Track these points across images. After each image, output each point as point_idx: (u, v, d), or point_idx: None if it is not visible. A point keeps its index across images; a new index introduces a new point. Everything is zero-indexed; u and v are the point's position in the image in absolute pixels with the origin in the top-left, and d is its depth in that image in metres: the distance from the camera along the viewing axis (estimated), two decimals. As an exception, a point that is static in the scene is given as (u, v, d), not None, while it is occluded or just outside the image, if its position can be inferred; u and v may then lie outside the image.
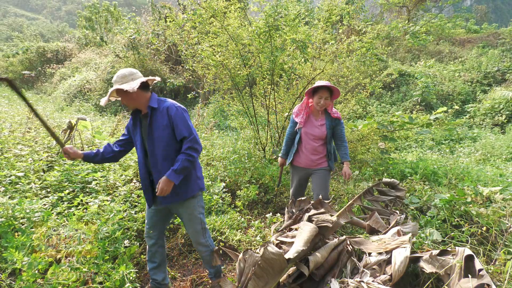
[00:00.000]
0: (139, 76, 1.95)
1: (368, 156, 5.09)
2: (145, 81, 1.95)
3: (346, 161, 2.94)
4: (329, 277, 1.89)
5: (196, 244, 2.20)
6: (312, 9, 17.28)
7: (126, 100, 1.95)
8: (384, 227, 2.53)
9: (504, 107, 9.83)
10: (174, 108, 1.96)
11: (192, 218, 2.13)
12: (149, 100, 1.99)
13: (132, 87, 1.83)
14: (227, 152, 4.69)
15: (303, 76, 4.82)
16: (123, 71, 1.92)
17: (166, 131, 1.96)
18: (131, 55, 11.88)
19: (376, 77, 6.46)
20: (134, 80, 1.91)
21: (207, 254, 2.23)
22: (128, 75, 1.91)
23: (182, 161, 1.92)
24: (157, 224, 2.20)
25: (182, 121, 1.96)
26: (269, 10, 4.22)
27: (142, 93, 1.95)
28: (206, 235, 2.22)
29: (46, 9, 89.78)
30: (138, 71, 1.97)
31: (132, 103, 1.97)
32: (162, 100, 2.01)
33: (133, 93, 1.90)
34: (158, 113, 1.97)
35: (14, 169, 3.02)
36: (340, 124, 2.94)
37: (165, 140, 1.98)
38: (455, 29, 19.36)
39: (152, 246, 2.21)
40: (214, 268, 2.29)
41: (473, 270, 1.63)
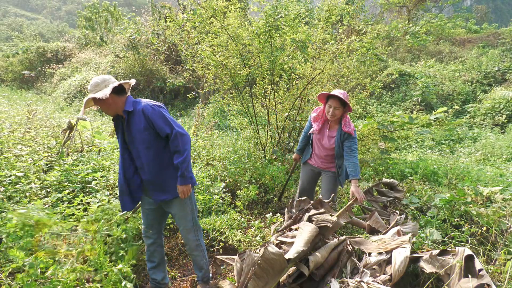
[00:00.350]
0: (112, 82, 1.92)
1: (368, 156, 5.09)
2: (118, 85, 1.92)
3: (353, 179, 2.62)
4: (329, 277, 1.89)
5: (186, 241, 2.20)
6: (312, 9, 17.28)
7: (104, 107, 1.93)
8: (384, 227, 2.53)
9: (504, 107, 9.82)
10: (149, 108, 1.92)
11: (183, 215, 2.13)
12: (125, 104, 1.95)
13: (105, 93, 1.81)
14: (227, 152, 4.69)
15: (303, 76, 4.82)
16: (95, 79, 1.90)
17: (146, 132, 1.94)
18: (131, 55, 11.88)
19: (376, 77, 6.45)
20: (107, 86, 1.88)
21: (196, 254, 2.22)
22: (101, 83, 1.88)
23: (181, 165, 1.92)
24: (153, 223, 2.20)
25: (161, 118, 1.92)
26: (269, 10, 4.22)
27: (117, 98, 1.92)
28: (198, 234, 2.21)
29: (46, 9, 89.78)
30: (111, 76, 1.95)
31: (110, 109, 1.94)
32: (137, 102, 1.98)
33: (108, 99, 1.87)
34: (135, 116, 1.94)
35: (14, 169, 3.02)
36: (351, 138, 2.71)
37: (147, 141, 1.96)
38: (455, 29, 19.36)
39: (150, 246, 2.21)
40: (201, 272, 2.28)
41: (473, 270, 1.63)
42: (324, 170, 2.99)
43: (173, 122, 1.96)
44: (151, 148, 1.97)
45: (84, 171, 3.29)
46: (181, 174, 1.94)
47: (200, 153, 4.73)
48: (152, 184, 2.04)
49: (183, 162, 1.92)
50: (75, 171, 3.25)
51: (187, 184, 1.98)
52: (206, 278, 2.32)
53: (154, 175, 2.02)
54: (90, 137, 4.60)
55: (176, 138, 1.92)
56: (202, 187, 3.55)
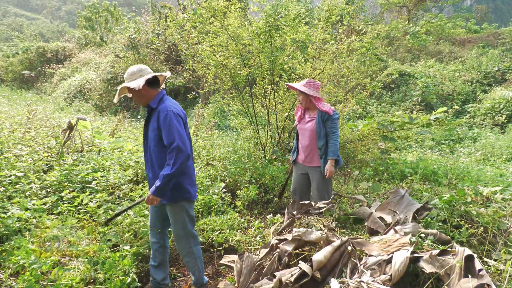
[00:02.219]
0: (147, 73, 1.94)
1: (368, 156, 5.09)
2: (152, 77, 1.93)
3: (330, 158, 2.84)
4: (330, 277, 1.89)
5: (177, 245, 2.21)
6: (312, 9, 17.28)
7: (136, 97, 1.97)
8: (382, 227, 2.53)
9: (504, 107, 9.82)
10: (164, 112, 1.92)
11: (174, 221, 2.13)
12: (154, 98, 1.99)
13: (138, 84, 1.83)
14: (227, 152, 4.69)
15: (303, 76, 4.82)
16: (133, 68, 1.92)
17: (155, 132, 1.96)
18: (131, 55, 11.87)
19: (376, 77, 6.45)
20: (142, 77, 1.91)
21: (188, 260, 2.22)
22: (136, 72, 1.91)
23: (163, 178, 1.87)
24: (155, 222, 2.22)
25: (167, 127, 1.89)
26: (269, 10, 4.22)
27: (149, 90, 1.95)
28: (190, 242, 2.18)
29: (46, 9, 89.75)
30: (148, 67, 1.97)
31: (142, 100, 1.98)
32: (162, 101, 2.00)
33: (140, 90, 1.90)
34: (154, 113, 1.96)
35: (14, 169, 3.02)
36: (331, 118, 2.87)
37: (155, 140, 1.98)
38: (455, 29, 19.35)
39: (153, 244, 2.23)
40: (194, 277, 2.27)
41: (473, 270, 1.63)
42: (310, 168, 3.04)
43: (178, 135, 1.89)
44: (157, 148, 1.99)
45: (84, 171, 3.29)
46: (159, 185, 1.87)
47: (200, 153, 4.73)
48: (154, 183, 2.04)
49: (167, 176, 1.87)
50: (75, 171, 3.25)
51: (157, 197, 1.94)
52: (200, 284, 2.30)
53: (154, 174, 2.04)
54: (90, 137, 4.60)
55: (172, 151, 1.88)
56: (202, 187, 3.55)
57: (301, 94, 2.96)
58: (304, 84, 2.95)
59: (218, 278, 2.61)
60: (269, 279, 1.99)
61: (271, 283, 1.88)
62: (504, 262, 2.02)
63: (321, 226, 2.45)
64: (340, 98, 5.34)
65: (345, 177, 4.49)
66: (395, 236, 2.13)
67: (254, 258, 2.21)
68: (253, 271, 2.12)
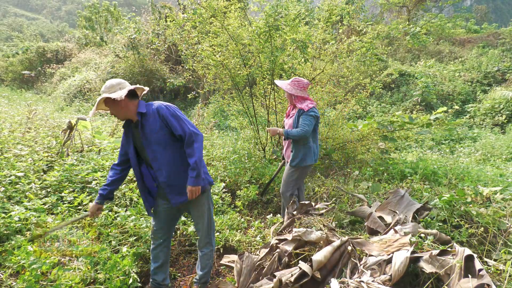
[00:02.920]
0: (126, 85, 1.93)
1: (368, 156, 5.09)
2: (133, 89, 1.92)
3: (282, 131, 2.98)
4: (330, 277, 1.89)
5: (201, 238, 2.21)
6: (312, 9, 17.28)
7: (115, 110, 1.92)
8: (382, 227, 2.53)
9: (504, 107, 9.82)
10: (164, 107, 1.94)
11: (199, 215, 2.15)
12: (137, 108, 1.95)
13: (120, 95, 1.81)
14: (227, 152, 4.69)
15: (303, 76, 4.82)
16: (111, 81, 1.91)
17: (161, 132, 1.94)
18: (131, 55, 11.87)
19: (376, 77, 6.45)
20: (122, 89, 1.88)
21: (205, 251, 2.23)
22: (115, 85, 1.89)
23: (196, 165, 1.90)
24: (164, 225, 2.19)
25: (174, 117, 1.93)
26: (269, 10, 4.22)
27: (130, 102, 1.92)
28: (210, 233, 2.23)
29: (46, 9, 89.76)
30: (126, 81, 1.95)
31: (121, 113, 1.93)
32: (150, 104, 1.99)
33: (121, 101, 1.87)
34: (149, 117, 1.94)
35: (14, 169, 3.02)
36: (304, 113, 2.91)
37: (163, 142, 1.95)
38: (455, 29, 19.36)
39: (157, 246, 2.21)
40: (203, 272, 2.28)
41: (473, 270, 1.63)
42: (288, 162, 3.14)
43: (187, 121, 1.96)
44: (167, 149, 1.96)
45: (84, 171, 3.29)
46: (196, 174, 1.92)
47: (200, 153, 4.72)
48: (169, 187, 2.01)
49: (198, 162, 1.92)
50: (75, 171, 3.25)
51: (199, 185, 1.96)
52: (205, 280, 2.30)
53: (172, 177, 2.00)
54: (90, 137, 4.60)
55: (190, 137, 1.92)
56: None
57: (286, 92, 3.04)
58: (289, 83, 3.00)
59: (218, 278, 2.61)
60: (269, 279, 1.99)
61: (271, 283, 1.88)
62: (504, 262, 2.02)
63: (321, 226, 2.45)
64: (340, 98, 5.34)
65: (345, 177, 4.49)
66: (395, 236, 2.13)
67: (254, 258, 2.21)
68: (253, 271, 2.13)
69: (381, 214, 2.83)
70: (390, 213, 2.82)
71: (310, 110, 2.92)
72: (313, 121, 2.91)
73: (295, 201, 2.92)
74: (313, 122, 2.91)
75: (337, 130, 5.19)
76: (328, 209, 3.02)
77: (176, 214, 2.24)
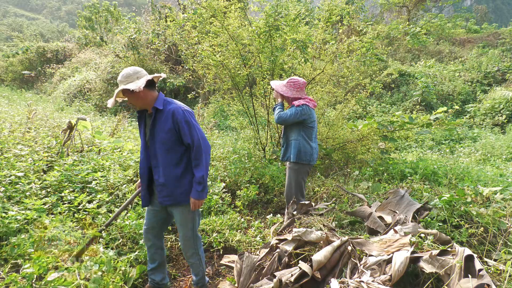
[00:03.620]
0: (144, 74, 1.89)
1: (368, 156, 5.09)
2: (151, 79, 1.90)
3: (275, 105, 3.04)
4: (330, 277, 1.89)
5: (184, 247, 2.19)
6: (312, 9, 17.27)
7: (133, 100, 1.90)
8: (382, 227, 2.53)
9: (504, 107, 9.82)
10: (180, 112, 1.89)
11: (184, 222, 2.10)
12: (155, 99, 1.93)
13: (138, 86, 1.78)
14: (227, 152, 4.69)
15: (303, 76, 4.82)
16: (127, 70, 1.87)
17: (169, 134, 1.91)
18: (131, 55, 11.87)
19: (376, 77, 6.46)
20: (139, 78, 1.85)
21: (193, 262, 2.21)
22: (133, 74, 1.85)
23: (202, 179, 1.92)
24: (155, 225, 2.17)
25: (187, 125, 1.90)
26: (269, 10, 4.22)
27: (148, 92, 1.90)
28: (197, 243, 2.19)
29: (46, 9, 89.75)
30: (143, 69, 1.92)
31: (139, 103, 1.92)
32: (169, 102, 1.95)
33: (140, 92, 1.85)
34: (162, 115, 1.91)
35: (14, 169, 3.02)
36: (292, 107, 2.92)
37: (168, 144, 1.93)
38: (455, 29, 19.37)
39: (150, 247, 2.20)
40: (197, 277, 2.27)
41: (473, 270, 1.63)
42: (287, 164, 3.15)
43: (199, 131, 1.93)
44: (170, 151, 1.94)
45: (84, 171, 3.29)
46: (202, 188, 1.92)
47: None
48: (162, 186, 2.00)
49: (205, 176, 1.92)
50: (75, 171, 3.25)
51: (203, 198, 1.97)
52: (201, 284, 2.30)
53: (168, 179, 1.98)
54: (90, 137, 4.60)
55: (199, 148, 1.90)
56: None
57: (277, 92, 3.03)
58: (285, 84, 2.97)
59: (218, 278, 2.61)
60: (269, 279, 1.99)
61: (271, 283, 1.88)
62: (504, 262, 2.02)
63: (321, 226, 2.45)
64: (340, 98, 5.34)
65: (345, 177, 4.49)
66: (395, 236, 2.13)
67: (254, 258, 2.21)
68: (253, 271, 2.12)
69: (381, 214, 2.83)
70: (390, 213, 2.82)
71: (299, 106, 2.89)
72: (297, 116, 2.88)
73: (295, 201, 2.92)
74: (296, 116, 2.88)
75: (337, 130, 5.18)
76: (328, 209, 3.02)
77: (167, 217, 2.20)
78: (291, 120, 2.90)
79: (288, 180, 3.12)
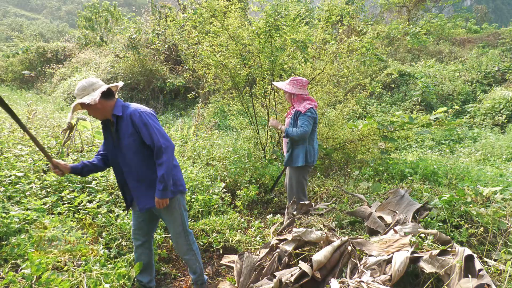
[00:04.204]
0: (100, 86, 1.87)
1: (368, 156, 5.09)
2: (107, 89, 1.88)
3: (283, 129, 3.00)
4: (330, 277, 1.89)
5: (177, 245, 2.18)
6: (312, 9, 17.27)
7: (92, 112, 1.89)
8: (382, 227, 2.53)
9: (504, 107, 9.83)
10: (137, 114, 1.88)
11: (172, 219, 2.10)
12: (114, 108, 1.91)
13: (93, 98, 1.77)
14: (227, 152, 4.69)
15: (303, 76, 4.82)
16: (82, 82, 1.85)
17: (132, 138, 1.90)
18: (131, 55, 11.87)
19: (376, 77, 6.46)
20: (95, 90, 1.84)
21: (188, 258, 2.20)
22: (88, 87, 1.84)
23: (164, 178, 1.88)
24: (142, 226, 2.16)
25: (146, 126, 1.88)
26: (269, 10, 4.22)
27: (106, 102, 1.88)
28: (189, 238, 2.18)
29: (46, 9, 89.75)
30: (99, 80, 1.91)
31: (98, 114, 1.90)
32: (126, 106, 1.94)
33: (96, 104, 1.83)
34: (123, 120, 1.90)
35: (14, 169, 3.02)
36: (301, 115, 2.91)
37: (133, 148, 1.92)
38: (455, 29, 19.37)
39: (138, 248, 2.19)
40: (195, 275, 2.27)
41: (473, 270, 1.63)
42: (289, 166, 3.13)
43: (158, 131, 1.90)
44: (138, 154, 1.94)
45: (84, 171, 3.29)
46: (163, 187, 1.89)
47: (200, 153, 4.73)
48: (137, 191, 2.00)
49: (166, 175, 1.88)
50: (75, 171, 3.25)
51: (167, 197, 1.94)
52: (201, 281, 2.30)
53: (142, 181, 1.98)
54: (90, 137, 4.60)
55: (159, 150, 1.87)
56: (202, 187, 3.55)
57: (286, 92, 3.06)
58: (288, 82, 3.02)
59: (218, 278, 2.61)
60: (269, 279, 1.99)
61: (271, 283, 1.88)
62: (504, 262, 2.02)
63: (321, 226, 2.45)
64: (340, 98, 5.34)
65: (345, 177, 4.49)
66: (395, 236, 2.13)
67: (254, 258, 2.21)
68: (253, 271, 2.12)
69: (381, 214, 2.83)
70: (390, 213, 2.82)
71: (307, 111, 2.90)
72: (311, 121, 2.90)
73: (295, 201, 2.92)
74: (311, 122, 2.89)
75: (337, 130, 5.19)
76: (328, 209, 3.02)
77: (152, 217, 2.19)
78: (310, 128, 2.90)
79: (289, 181, 3.12)
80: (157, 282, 2.49)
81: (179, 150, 4.80)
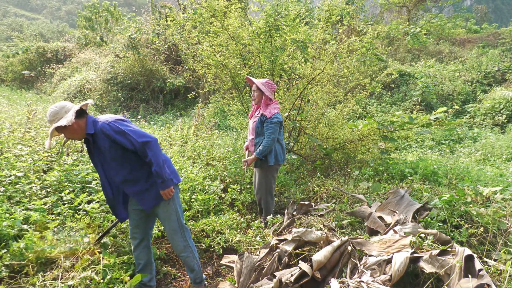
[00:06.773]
0: (71, 107, 1.87)
1: (368, 156, 5.09)
2: (79, 108, 1.88)
3: (255, 155, 3.03)
4: (330, 277, 1.89)
5: (173, 242, 2.18)
6: (312, 9, 17.27)
7: (69, 134, 1.88)
8: (382, 227, 2.53)
9: (504, 107, 9.83)
10: (106, 127, 1.87)
11: (167, 216, 2.12)
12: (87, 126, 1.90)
13: (69, 119, 1.77)
14: (227, 152, 4.69)
15: (303, 76, 4.82)
16: (53, 107, 1.84)
17: (113, 150, 1.91)
18: (131, 55, 11.86)
19: (376, 77, 6.46)
20: (67, 112, 1.83)
21: (185, 255, 2.21)
22: (60, 110, 1.83)
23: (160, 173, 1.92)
24: (139, 223, 2.18)
25: (119, 134, 1.87)
26: (269, 10, 4.23)
27: (81, 121, 1.88)
28: (185, 235, 2.19)
29: (46, 9, 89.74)
30: (68, 102, 1.91)
31: (76, 135, 1.90)
32: (96, 122, 1.92)
33: (73, 124, 1.83)
34: (97, 136, 1.90)
35: (14, 169, 3.02)
36: (267, 121, 3.01)
37: (119, 158, 1.93)
38: (455, 29, 19.37)
39: (136, 247, 2.20)
40: (193, 273, 2.27)
41: (473, 270, 1.63)
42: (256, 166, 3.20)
43: (134, 133, 1.89)
44: (125, 162, 1.95)
45: (84, 171, 3.29)
46: (162, 180, 1.95)
47: (200, 153, 4.73)
48: (138, 195, 2.02)
49: (158, 169, 1.91)
50: (75, 171, 3.25)
51: (169, 186, 2.00)
52: (199, 280, 2.30)
53: (138, 186, 2.00)
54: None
55: (142, 149, 1.89)
56: (202, 187, 3.55)
57: (257, 90, 3.10)
58: (264, 83, 3.08)
59: (218, 278, 2.61)
60: (269, 279, 1.99)
61: (271, 283, 1.88)
62: (504, 262, 2.02)
63: (321, 226, 2.45)
64: (340, 98, 5.34)
65: (345, 177, 4.49)
66: (395, 236, 2.13)
67: (254, 258, 2.21)
68: (253, 271, 2.12)
69: (381, 214, 2.83)
70: (390, 213, 2.82)
71: (273, 116, 3.01)
72: (277, 127, 3.03)
73: (295, 201, 2.92)
74: (277, 128, 3.03)
75: (337, 130, 5.19)
76: (329, 210, 3.02)
77: (149, 215, 2.21)
78: (277, 134, 3.03)
79: (259, 180, 3.20)
80: (157, 282, 2.49)
81: (179, 150, 4.80)
